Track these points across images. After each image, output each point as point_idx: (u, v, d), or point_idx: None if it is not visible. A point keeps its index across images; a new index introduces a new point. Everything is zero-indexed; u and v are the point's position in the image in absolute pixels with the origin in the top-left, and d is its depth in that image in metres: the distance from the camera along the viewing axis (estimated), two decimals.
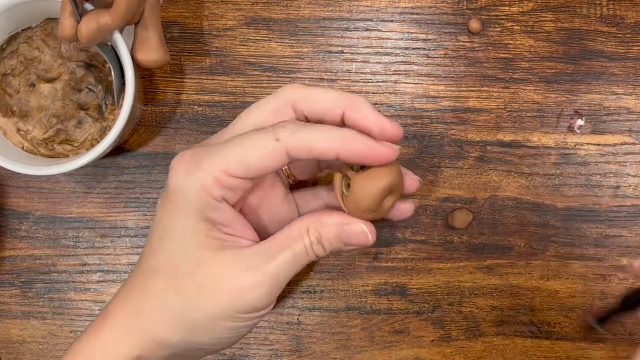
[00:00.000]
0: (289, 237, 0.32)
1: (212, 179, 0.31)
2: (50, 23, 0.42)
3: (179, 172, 0.32)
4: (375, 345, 0.44)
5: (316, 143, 0.31)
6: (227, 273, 0.31)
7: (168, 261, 0.32)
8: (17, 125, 0.42)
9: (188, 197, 0.31)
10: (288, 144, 0.31)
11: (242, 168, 0.31)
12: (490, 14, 0.45)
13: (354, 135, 0.31)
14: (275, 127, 0.31)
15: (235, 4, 0.46)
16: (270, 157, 0.31)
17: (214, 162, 0.31)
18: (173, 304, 0.32)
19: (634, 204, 0.45)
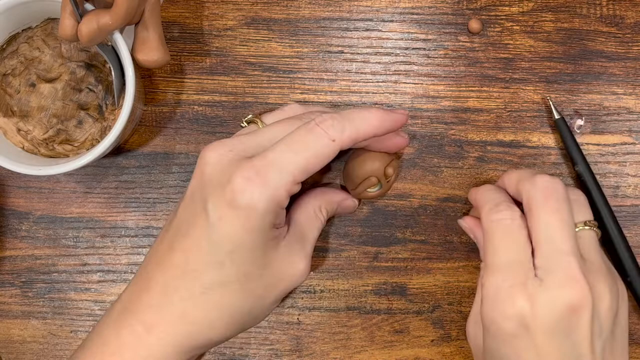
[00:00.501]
0: (309, 218, 0.38)
1: (284, 192, 0.33)
2: (51, 23, 0.42)
3: (254, 193, 0.33)
4: (375, 345, 0.44)
5: (361, 132, 0.35)
6: (287, 266, 0.35)
7: (239, 272, 0.34)
8: (18, 125, 0.42)
9: (264, 214, 0.33)
10: (342, 142, 0.34)
11: (305, 174, 0.34)
12: (490, 14, 0.45)
13: (382, 113, 0.36)
14: (323, 127, 0.34)
15: (235, 4, 0.46)
16: (329, 158, 0.34)
17: (283, 177, 0.33)
18: (241, 307, 0.34)
19: (634, 204, 0.45)
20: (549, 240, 0.34)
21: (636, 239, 0.44)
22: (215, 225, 0.33)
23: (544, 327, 0.32)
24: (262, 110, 0.45)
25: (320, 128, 0.34)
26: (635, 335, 0.44)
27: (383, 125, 0.36)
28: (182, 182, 0.45)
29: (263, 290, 0.35)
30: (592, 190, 0.43)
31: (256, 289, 0.34)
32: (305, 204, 0.39)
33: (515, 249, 0.35)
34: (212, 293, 0.34)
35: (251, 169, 0.33)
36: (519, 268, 0.34)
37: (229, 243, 0.33)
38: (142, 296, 0.35)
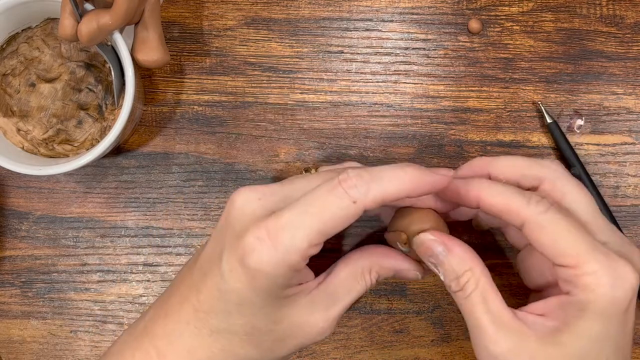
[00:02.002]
0: (352, 278, 0.34)
1: (299, 257, 0.31)
2: (50, 23, 0.42)
3: (263, 256, 0.30)
4: (375, 345, 0.44)
5: (389, 193, 0.31)
6: (302, 323, 0.33)
7: (246, 324, 0.33)
8: (17, 125, 0.42)
9: (274, 278, 0.31)
10: (365, 204, 0.31)
11: (323, 237, 0.31)
12: (490, 14, 0.45)
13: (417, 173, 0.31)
14: (345, 187, 0.31)
15: (235, 4, 0.46)
16: (350, 220, 0.31)
17: (298, 241, 0.30)
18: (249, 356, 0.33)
19: (634, 204, 0.45)
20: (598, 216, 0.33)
21: (636, 239, 0.44)
22: (225, 277, 0.32)
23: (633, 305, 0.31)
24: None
25: (342, 187, 0.31)
26: (635, 336, 0.44)
27: (418, 188, 0.31)
28: (182, 182, 0.45)
29: (272, 343, 0.33)
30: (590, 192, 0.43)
31: (265, 342, 0.33)
32: (354, 262, 0.35)
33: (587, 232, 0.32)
34: (219, 337, 0.33)
35: (264, 229, 0.31)
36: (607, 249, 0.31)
37: (237, 297, 0.32)
38: (160, 321, 0.35)
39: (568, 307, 0.31)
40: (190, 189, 0.45)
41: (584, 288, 0.30)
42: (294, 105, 0.45)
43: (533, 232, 0.31)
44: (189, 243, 0.45)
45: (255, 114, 0.45)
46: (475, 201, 0.32)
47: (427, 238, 0.33)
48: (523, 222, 0.31)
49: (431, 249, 0.33)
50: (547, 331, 0.31)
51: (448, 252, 0.32)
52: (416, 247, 0.34)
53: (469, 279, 0.32)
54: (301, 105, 0.45)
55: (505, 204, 0.32)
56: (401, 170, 0.31)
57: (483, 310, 0.31)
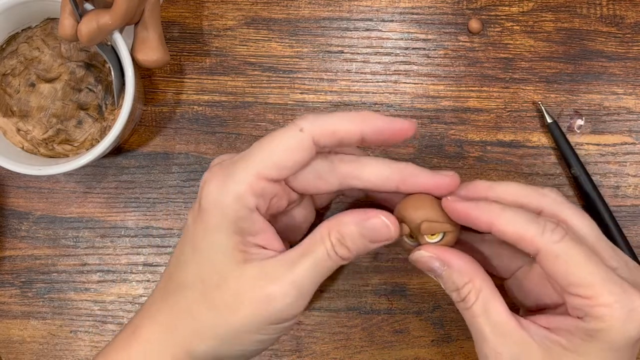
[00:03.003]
0: (310, 242, 0.32)
1: (245, 186, 0.31)
2: (50, 23, 0.42)
3: (211, 187, 0.31)
4: (375, 345, 0.44)
5: (339, 125, 0.31)
6: (251, 287, 0.31)
7: (197, 276, 0.32)
8: (17, 125, 0.42)
9: (223, 210, 0.31)
10: (313, 132, 0.31)
11: (273, 168, 0.31)
12: (490, 14, 0.45)
13: (373, 113, 0.32)
14: (295, 120, 0.31)
15: (235, 4, 0.46)
16: (298, 149, 0.31)
17: (245, 169, 0.31)
18: (203, 318, 0.32)
19: (634, 204, 0.45)
20: (602, 240, 0.33)
21: (636, 239, 0.44)
22: (186, 228, 0.33)
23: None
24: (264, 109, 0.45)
25: (292, 122, 0.32)
26: None
27: (370, 126, 0.31)
28: (182, 182, 0.45)
29: (224, 306, 0.32)
30: (590, 192, 0.43)
31: (216, 300, 0.32)
32: (314, 230, 0.33)
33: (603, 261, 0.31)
34: (177, 294, 0.33)
35: (218, 167, 0.32)
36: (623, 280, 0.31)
37: (193, 242, 0.32)
38: (145, 308, 0.35)
39: (577, 330, 0.30)
40: (190, 189, 0.45)
41: (596, 318, 0.30)
42: (294, 105, 0.45)
43: (547, 262, 0.31)
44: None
45: (255, 114, 0.45)
46: (487, 226, 0.32)
47: (422, 256, 0.33)
48: (537, 250, 0.31)
49: (427, 265, 0.33)
50: (551, 345, 0.31)
51: (447, 266, 0.32)
52: (412, 262, 0.33)
53: (469, 290, 0.32)
54: (301, 105, 0.45)
55: (519, 232, 0.31)
56: (355, 111, 0.32)
57: (485, 321, 0.31)
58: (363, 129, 0.31)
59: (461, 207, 0.32)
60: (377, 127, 0.32)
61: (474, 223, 0.32)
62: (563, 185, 0.45)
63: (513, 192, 0.34)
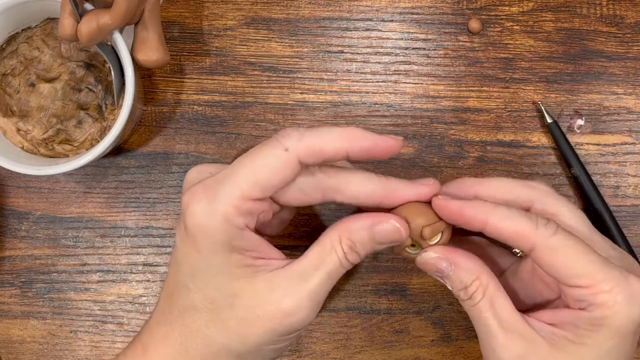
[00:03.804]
0: (321, 252, 0.32)
1: (231, 208, 0.30)
2: (50, 23, 0.42)
3: (196, 210, 0.31)
4: (375, 345, 0.44)
5: (325, 144, 0.31)
6: (264, 301, 0.31)
7: (204, 298, 0.32)
8: (17, 125, 0.42)
9: (211, 232, 0.30)
10: (298, 151, 0.30)
11: (258, 189, 0.30)
12: (490, 14, 0.45)
13: (359, 131, 0.31)
14: (280, 138, 0.31)
15: (235, 4, 0.46)
16: (283, 169, 0.30)
17: (229, 191, 0.30)
18: (217, 339, 0.32)
19: (634, 204, 0.45)
20: (594, 232, 0.34)
21: (636, 239, 0.44)
22: (177, 248, 0.33)
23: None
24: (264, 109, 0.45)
25: (276, 139, 0.31)
26: None
27: (356, 144, 0.31)
28: (182, 182, 0.45)
29: (237, 324, 0.31)
30: (590, 192, 0.43)
31: (229, 321, 0.32)
32: (322, 237, 0.33)
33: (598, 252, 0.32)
34: (185, 316, 0.32)
35: (200, 185, 0.31)
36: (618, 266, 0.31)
37: (188, 266, 0.32)
38: (151, 316, 0.35)
39: (581, 321, 0.31)
40: None
41: (600, 305, 0.30)
42: (294, 105, 0.45)
43: (544, 256, 0.31)
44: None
45: (255, 114, 0.45)
46: (481, 225, 0.32)
47: (430, 257, 0.33)
48: (533, 246, 0.31)
49: (435, 266, 0.32)
50: (557, 340, 0.31)
51: (454, 266, 0.32)
52: (420, 265, 0.33)
53: (477, 287, 0.32)
54: (301, 105, 0.45)
55: (513, 229, 0.31)
56: (341, 127, 0.31)
57: (492, 316, 0.31)
58: (349, 147, 0.31)
59: (454, 206, 0.32)
60: (363, 146, 0.31)
61: (467, 222, 0.32)
62: (563, 185, 0.45)
63: (502, 186, 0.34)
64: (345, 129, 0.31)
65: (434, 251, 0.33)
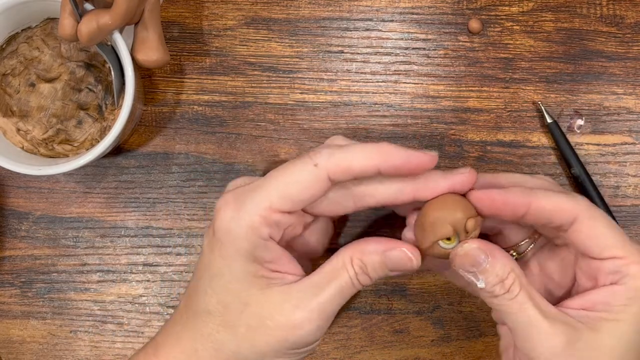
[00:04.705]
0: (333, 269, 0.32)
1: (258, 218, 0.31)
2: (50, 23, 0.42)
3: (225, 216, 0.32)
4: (375, 345, 0.44)
5: (355, 161, 0.31)
6: (275, 311, 0.32)
7: (219, 303, 0.32)
8: (17, 125, 0.42)
9: (237, 239, 0.31)
10: (328, 168, 0.31)
11: (287, 202, 0.31)
12: (490, 14, 0.45)
13: (391, 148, 0.31)
14: (311, 154, 0.31)
15: (235, 4, 0.46)
16: (312, 185, 0.31)
17: (258, 201, 0.31)
18: (227, 344, 0.32)
19: (634, 204, 0.45)
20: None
21: (636, 239, 0.44)
22: (203, 254, 0.33)
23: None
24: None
25: (307, 156, 0.31)
26: None
27: (388, 161, 0.31)
28: (182, 182, 0.45)
29: (247, 331, 0.32)
30: (590, 192, 0.43)
31: (239, 327, 0.32)
32: (335, 255, 0.33)
33: None
34: (198, 319, 0.33)
35: (231, 193, 0.32)
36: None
37: (209, 270, 0.33)
38: (167, 332, 0.35)
39: (615, 297, 0.31)
40: (190, 189, 0.45)
41: (634, 276, 0.31)
42: (294, 105, 0.45)
43: (584, 227, 0.31)
44: (189, 243, 0.45)
45: (255, 114, 0.45)
46: (524, 209, 0.32)
47: (471, 248, 0.32)
48: (576, 217, 0.31)
49: (475, 258, 0.32)
50: (594, 322, 0.31)
51: (491, 257, 0.31)
52: (459, 258, 0.32)
53: (513, 279, 0.31)
54: (301, 105, 0.45)
55: (557, 205, 0.31)
56: (371, 144, 0.31)
57: (533, 306, 0.31)
58: (380, 165, 0.31)
59: (497, 195, 0.32)
60: (395, 163, 0.31)
61: (511, 209, 0.32)
62: (563, 185, 0.45)
63: (516, 180, 0.34)
64: (376, 145, 0.31)
65: (472, 242, 0.32)
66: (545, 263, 0.36)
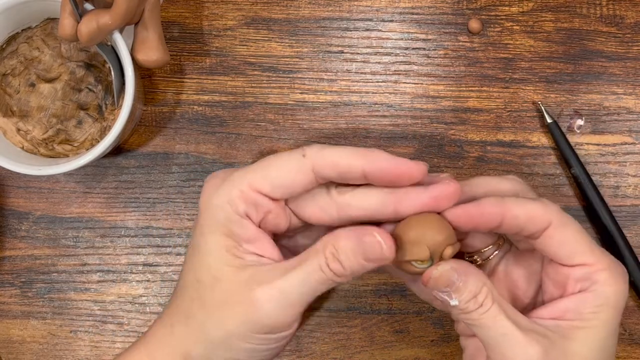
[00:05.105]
0: (307, 254, 0.32)
1: (237, 191, 0.32)
2: (50, 23, 0.42)
3: (208, 189, 0.33)
4: (375, 345, 0.44)
5: (343, 158, 0.31)
6: (240, 288, 0.32)
7: (194, 277, 0.33)
8: (17, 125, 0.42)
9: (214, 210, 0.32)
10: (314, 159, 0.31)
11: (266, 183, 0.31)
12: (490, 14, 0.45)
13: (379, 153, 0.31)
14: (303, 147, 0.32)
15: (235, 4, 0.46)
16: (295, 172, 0.31)
17: (241, 177, 0.32)
18: (195, 318, 0.32)
19: (634, 204, 0.45)
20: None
21: (636, 239, 0.44)
22: (192, 233, 0.34)
23: None
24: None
25: (301, 147, 0.32)
26: (635, 335, 0.44)
27: (374, 164, 0.31)
28: (182, 182, 0.45)
29: (214, 306, 0.32)
30: (590, 192, 0.43)
31: (208, 299, 0.32)
32: (315, 243, 0.32)
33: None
34: (177, 292, 0.34)
35: (222, 171, 0.34)
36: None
37: (191, 246, 0.34)
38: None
39: (585, 304, 0.31)
40: (190, 189, 0.45)
41: (603, 283, 0.31)
42: (294, 105, 0.45)
43: (557, 232, 0.31)
44: (189, 243, 0.45)
45: (255, 114, 0.45)
46: (499, 219, 0.31)
47: (446, 269, 0.31)
48: (549, 223, 0.31)
49: (449, 278, 0.31)
50: (566, 331, 0.31)
51: (464, 276, 0.31)
52: (433, 280, 0.31)
53: (486, 294, 0.31)
54: (301, 105, 0.45)
55: (529, 212, 0.31)
56: (364, 148, 0.31)
57: (507, 318, 0.31)
58: (366, 166, 0.31)
59: (473, 209, 0.31)
60: (381, 167, 0.31)
61: (487, 221, 0.32)
62: (563, 185, 0.45)
63: (485, 184, 0.34)
64: (368, 149, 0.31)
65: (446, 263, 0.31)
66: (511, 269, 0.35)
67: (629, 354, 0.44)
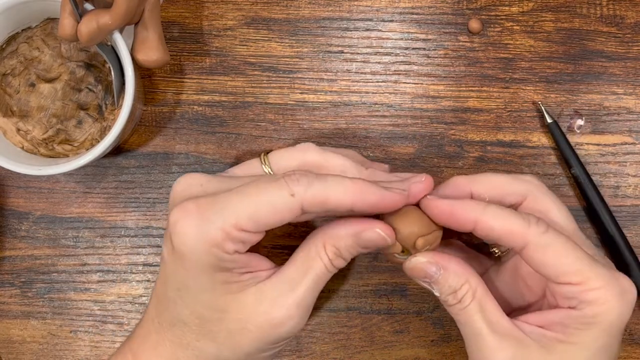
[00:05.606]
0: (307, 258, 0.32)
1: (222, 234, 0.30)
2: (50, 23, 0.42)
3: (186, 229, 0.30)
4: (375, 345, 0.44)
5: (332, 197, 0.30)
6: (254, 313, 0.31)
7: (193, 313, 0.32)
8: (17, 125, 0.42)
9: (199, 254, 0.30)
10: (303, 200, 0.30)
11: (254, 223, 0.30)
12: (490, 14, 0.45)
13: (367, 187, 0.31)
14: (288, 180, 0.30)
15: (235, 4, 0.46)
16: (284, 213, 0.30)
17: (224, 217, 0.30)
18: (208, 350, 0.32)
19: (634, 204, 0.45)
20: (578, 230, 0.34)
21: (636, 239, 0.44)
22: (164, 262, 0.32)
23: None
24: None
25: (284, 180, 0.30)
26: (635, 335, 0.44)
27: (363, 200, 0.30)
28: None
29: (227, 336, 0.32)
30: (590, 192, 0.43)
31: (218, 334, 0.32)
32: (306, 243, 0.33)
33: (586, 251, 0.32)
34: (175, 329, 0.33)
35: (193, 203, 0.30)
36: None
37: (175, 281, 0.32)
38: (140, 323, 0.35)
39: (571, 320, 0.31)
40: None
41: (591, 303, 0.30)
42: (294, 105, 0.45)
43: (536, 253, 0.31)
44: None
45: (255, 114, 0.45)
46: (472, 225, 0.32)
47: (419, 262, 0.32)
48: (526, 243, 0.31)
49: (424, 271, 0.32)
50: (547, 342, 0.31)
51: (443, 270, 0.32)
52: (408, 271, 0.33)
53: (466, 291, 0.31)
54: (301, 105, 0.45)
55: (506, 227, 0.31)
56: (348, 180, 0.31)
57: (482, 319, 0.31)
58: (355, 202, 0.30)
59: (444, 205, 0.32)
60: (370, 202, 0.31)
61: (458, 221, 0.32)
62: (563, 185, 0.45)
63: (496, 182, 0.34)
64: (355, 182, 0.31)
65: (422, 256, 0.32)
66: (520, 266, 0.35)
67: (629, 354, 0.44)
